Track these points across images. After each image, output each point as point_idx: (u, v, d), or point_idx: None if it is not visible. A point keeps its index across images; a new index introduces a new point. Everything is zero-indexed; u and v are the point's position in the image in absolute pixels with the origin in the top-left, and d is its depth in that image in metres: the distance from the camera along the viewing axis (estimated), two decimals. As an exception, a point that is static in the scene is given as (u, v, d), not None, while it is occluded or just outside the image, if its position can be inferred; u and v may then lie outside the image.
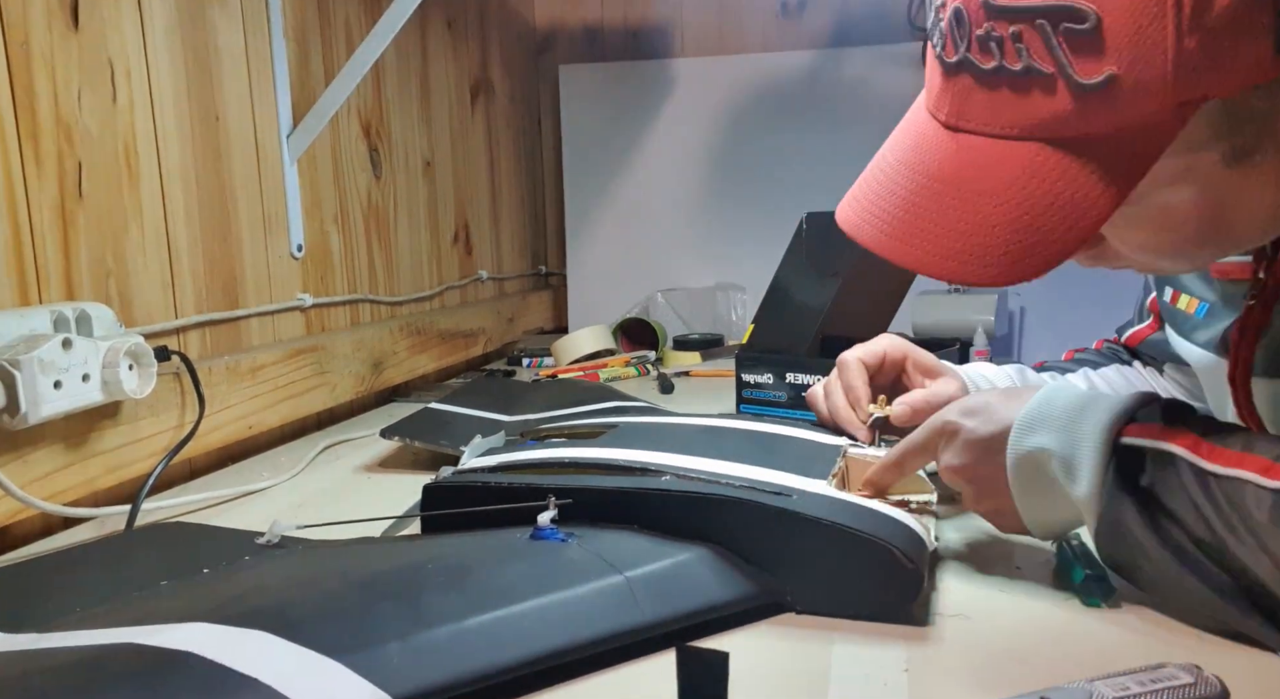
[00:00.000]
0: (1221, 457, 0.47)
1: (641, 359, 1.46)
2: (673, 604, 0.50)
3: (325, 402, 1.10)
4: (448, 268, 1.57)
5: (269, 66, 1.06)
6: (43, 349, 0.67)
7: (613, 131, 1.91)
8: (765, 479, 0.58)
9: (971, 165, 0.45)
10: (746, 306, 1.76)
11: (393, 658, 0.42)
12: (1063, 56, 0.41)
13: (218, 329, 0.98)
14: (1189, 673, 0.39)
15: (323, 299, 1.17)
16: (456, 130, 1.60)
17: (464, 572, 0.50)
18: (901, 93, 1.80)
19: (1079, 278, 1.70)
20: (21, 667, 0.43)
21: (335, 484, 0.88)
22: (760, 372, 1.05)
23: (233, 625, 0.44)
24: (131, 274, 0.85)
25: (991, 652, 0.49)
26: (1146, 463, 0.49)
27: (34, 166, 0.75)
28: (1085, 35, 0.40)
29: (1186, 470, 0.47)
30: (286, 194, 1.09)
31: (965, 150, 0.45)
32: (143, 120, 0.87)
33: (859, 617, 0.52)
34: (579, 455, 0.65)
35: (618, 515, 0.57)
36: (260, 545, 0.64)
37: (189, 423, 0.86)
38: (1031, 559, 0.61)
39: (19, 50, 0.73)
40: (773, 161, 1.83)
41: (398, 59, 1.38)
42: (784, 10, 1.89)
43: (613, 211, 1.92)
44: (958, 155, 0.45)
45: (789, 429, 0.76)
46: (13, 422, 0.66)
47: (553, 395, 1.11)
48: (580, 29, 1.99)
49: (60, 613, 0.52)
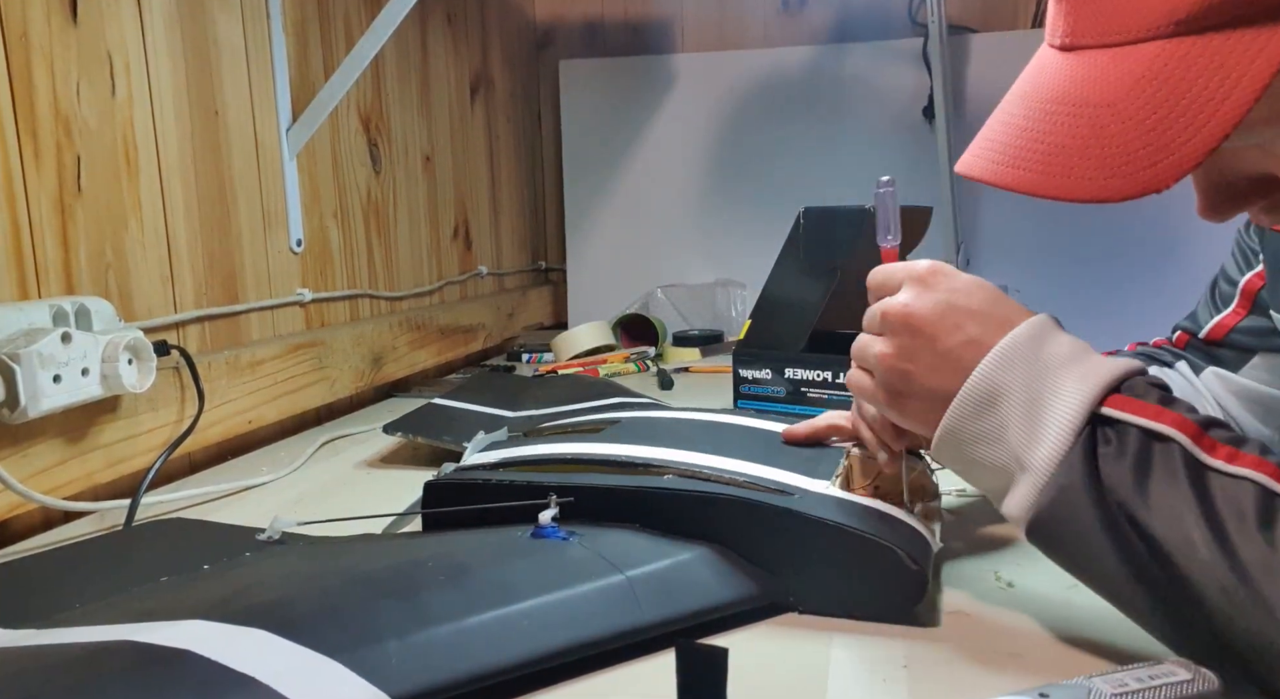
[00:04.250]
0: (1226, 453, 0.42)
1: (641, 355, 1.46)
2: (674, 604, 0.50)
3: (325, 397, 1.10)
4: (447, 263, 1.57)
5: (268, 61, 1.06)
6: (42, 343, 0.67)
7: (613, 127, 1.91)
8: (768, 477, 0.58)
9: (1088, 79, 0.41)
10: (746, 302, 1.76)
11: (392, 657, 0.42)
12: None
13: (217, 324, 0.98)
14: (1187, 670, 0.39)
15: (322, 294, 1.17)
16: (456, 125, 1.60)
17: (464, 570, 0.50)
18: (902, 88, 1.81)
19: (1078, 273, 1.71)
20: (20, 663, 0.43)
21: (335, 480, 0.88)
22: (758, 367, 1.05)
23: (231, 623, 0.44)
24: (131, 268, 0.85)
25: (990, 649, 0.49)
26: (1130, 443, 0.43)
27: (33, 160, 0.74)
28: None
29: (1180, 460, 0.42)
30: (286, 189, 1.09)
31: (1081, 66, 0.42)
32: (142, 114, 0.86)
33: (862, 618, 0.52)
34: (582, 451, 0.65)
35: (619, 514, 0.57)
36: (261, 542, 0.64)
37: (188, 417, 0.86)
38: (1031, 557, 0.61)
39: (18, 43, 0.73)
40: (773, 157, 1.83)
41: (397, 53, 1.38)
42: (785, 5, 1.88)
43: (613, 207, 1.92)
44: (1074, 73, 0.42)
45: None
46: (12, 416, 0.66)
47: (556, 391, 1.11)
48: (580, 24, 1.99)
49: (60, 609, 0.52)
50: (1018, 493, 0.46)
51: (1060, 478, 0.44)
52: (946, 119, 1.61)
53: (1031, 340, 0.47)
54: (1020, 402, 0.46)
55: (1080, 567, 0.46)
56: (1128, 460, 0.43)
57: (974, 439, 0.48)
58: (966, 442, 0.48)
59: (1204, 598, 0.41)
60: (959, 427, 0.48)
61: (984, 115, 0.48)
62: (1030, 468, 0.45)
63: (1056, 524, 0.45)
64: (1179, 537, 0.41)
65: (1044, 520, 0.45)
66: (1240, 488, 0.41)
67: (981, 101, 1.73)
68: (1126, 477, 0.43)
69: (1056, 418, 0.45)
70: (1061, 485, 0.44)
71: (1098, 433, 0.44)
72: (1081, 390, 0.45)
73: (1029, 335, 0.47)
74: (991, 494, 0.49)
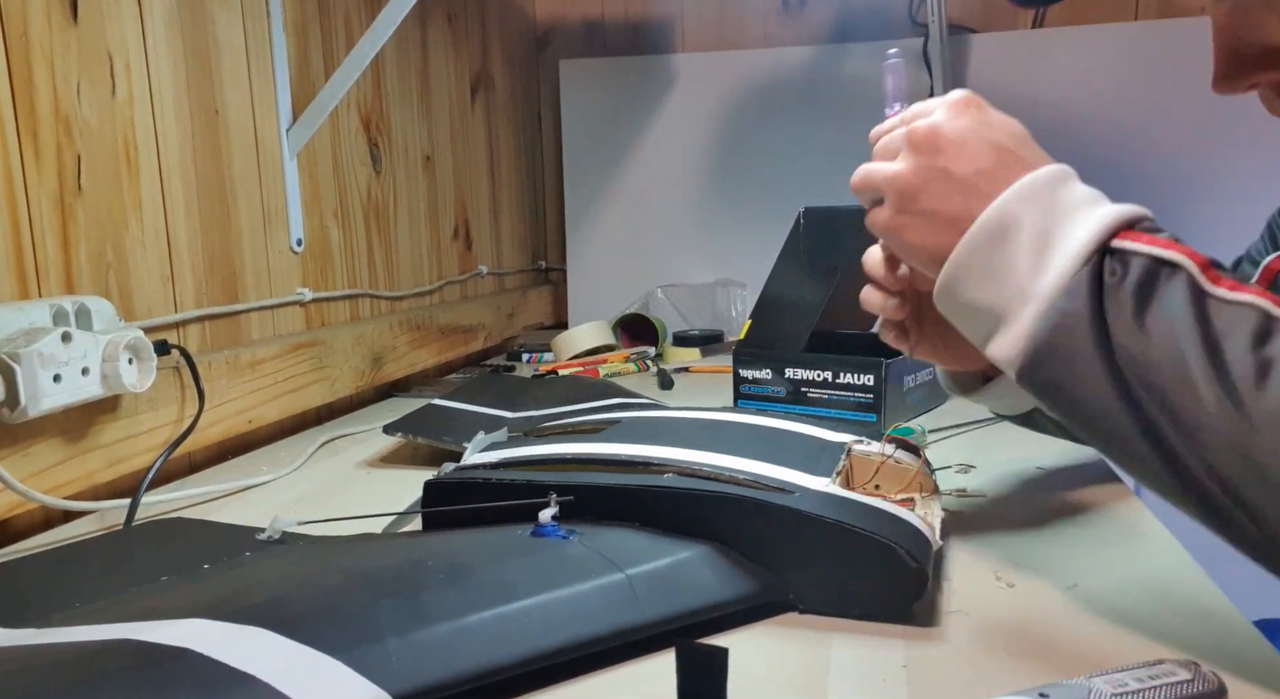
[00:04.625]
0: (1229, 284, 0.42)
1: (641, 355, 1.46)
2: (674, 602, 0.50)
3: (325, 396, 1.10)
4: (447, 263, 1.57)
5: (269, 60, 1.06)
6: (42, 342, 0.67)
7: (613, 127, 1.91)
8: (768, 474, 0.58)
9: None
10: (746, 302, 1.76)
11: (392, 655, 0.42)
12: None
13: (217, 323, 0.98)
14: (1187, 669, 0.39)
15: (322, 294, 1.17)
16: (456, 125, 1.60)
17: (465, 569, 0.50)
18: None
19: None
20: (20, 662, 0.43)
21: (335, 479, 0.88)
22: (758, 367, 1.05)
23: (232, 622, 0.44)
24: (131, 268, 0.85)
25: (990, 648, 0.49)
26: (1136, 269, 0.43)
27: (33, 160, 0.74)
28: None
29: (1185, 284, 0.42)
30: (286, 188, 1.09)
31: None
32: (142, 114, 0.86)
33: (863, 617, 0.52)
34: (582, 451, 0.65)
35: (619, 512, 0.57)
36: (261, 541, 0.64)
37: (189, 417, 0.86)
38: (1031, 557, 0.61)
39: (18, 43, 0.73)
40: (773, 157, 1.83)
41: (398, 53, 1.38)
42: (785, 5, 1.88)
43: (613, 207, 1.92)
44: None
45: (793, 424, 0.75)
46: (12, 415, 0.66)
47: (556, 392, 1.11)
48: (581, 23, 1.99)
49: (60, 608, 0.52)
50: (1015, 326, 0.46)
51: (1061, 303, 0.44)
52: (947, 119, 1.61)
53: (1051, 181, 0.47)
54: (1032, 236, 0.46)
55: (1074, 407, 0.45)
56: (1132, 285, 0.43)
57: (981, 276, 0.47)
58: (974, 278, 0.48)
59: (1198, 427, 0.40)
60: (969, 260, 0.48)
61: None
62: (1033, 296, 0.45)
63: (1052, 354, 0.44)
64: (1173, 358, 0.41)
65: (1041, 352, 0.45)
66: (1240, 313, 0.41)
67: (982, 101, 1.73)
68: (1129, 301, 0.42)
69: (1066, 248, 0.45)
70: (1062, 310, 0.44)
71: (1106, 263, 0.44)
72: (1094, 224, 0.45)
73: (1049, 176, 0.47)
74: (988, 338, 0.48)
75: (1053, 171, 0.48)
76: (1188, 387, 0.41)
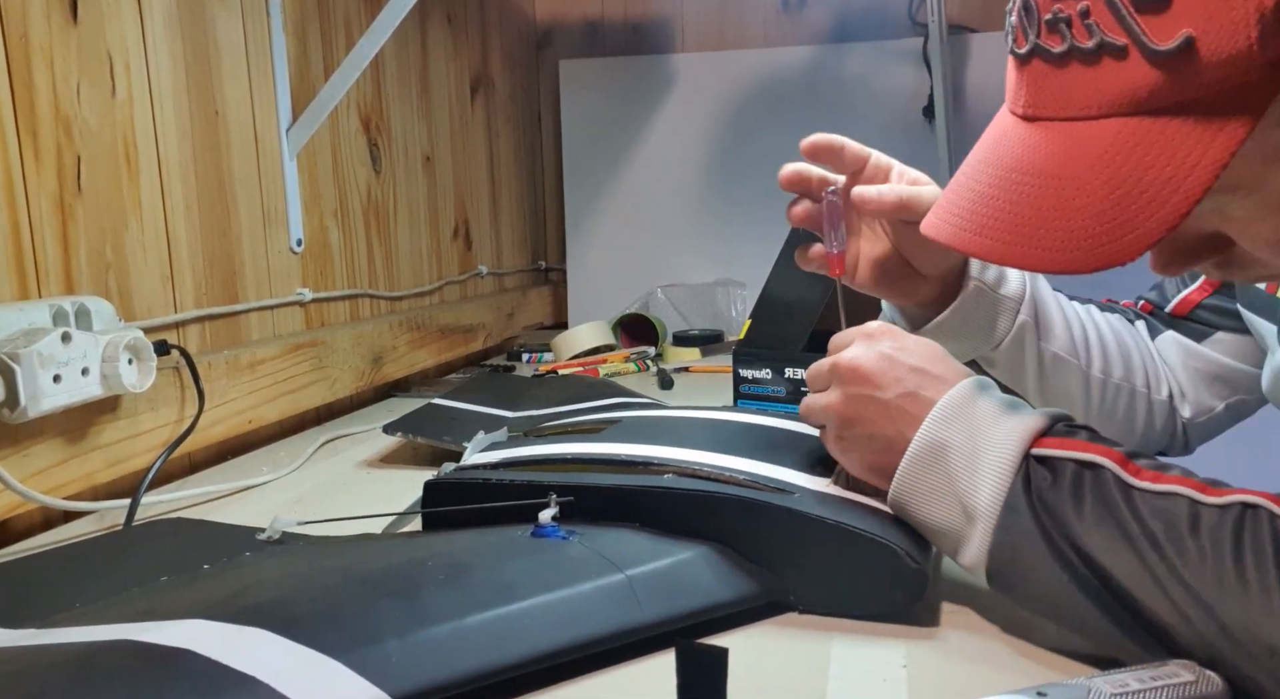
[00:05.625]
0: (1151, 475, 0.45)
1: (641, 355, 1.46)
2: (674, 603, 0.50)
3: (324, 396, 1.10)
4: (447, 263, 1.57)
5: (268, 60, 1.06)
6: (42, 343, 0.67)
7: (613, 127, 1.90)
8: (768, 475, 0.58)
9: (1051, 153, 0.42)
10: (746, 302, 1.76)
11: (392, 656, 0.42)
12: (1134, 24, 0.38)
13: (217, 323, 0.98)
14: (1190, 671, 0.39)
15: (322, 294, 1.17)
16: (456, 125, 1.60)
17: (464, 569, 0.50)
18: (902, 89, 1.81)
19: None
20: (20, 662, 0.43)
21: (335, 479, 0.88)
22: (758, 367, 1.05)
23: (231, 622, 0.44)
24: (131, 268, 0.85)
25: (990, 648, 0.49)
26: (1063, 475, 0.46)
27: (33, 160, 0.74)
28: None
29: (1111, 483, 0.45)
30: (286, 188, 1.09)
31: (1044, 139, 0.43)
32: (142, 114, 0.86)
33: (863, 617, 0.52)
34: (582, 451, 0.65)
35: (619, 513, 0.57)
36: (261, 542, 0.64)
37: (188, 417, 0.86)
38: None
39: (18, 43, 0.73)
40: (773, 157, 1.81)
41: (397, 53, 1.38)
42: (785, 5, 1.88)
43: (613, 207, 1.92)
44: (1037, 144, 0.43)
45: (793, 424, 0.75)
46: (12, 415, 0.66)
47: (556, 391, 1.11)
48: (580, 24, 1.99)
49: (60, 608, 0.52)
50: (972, 544, 0.49)
51: (1005, 518, 0.47)
52: (946, 119, 1.61)
53: (968, 397, 0.51)
54: (961, 455, 0.49)
55: (1044, 602, 0.48)
56: (1064, 489, 0.46)
57: (926, 497, 0.51)
58: (920, 499, 0.51)
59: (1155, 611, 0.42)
60: (912, 485, 0.51)
61: (984, 115, 0.48)
62: (978, 514, 0.48)
63: (1012, 564, 0.48)
64: (1116, 554, 0.43)
65: (1000, 563, 0.48)
66: (1169, 501, 0.43)
67: (981, 101, 1.73)
68: (1065, 502, 0.45)
69: (994, 463, 0.48)
70: (1007, 525, 0.47)
71: (1034, 471, 0.47)
72: (1013, 437, 0.48)
73: (964, 393, 0.51)
74: (954, 554, 0.51)
75: (966, 388, 0.52)
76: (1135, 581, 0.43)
